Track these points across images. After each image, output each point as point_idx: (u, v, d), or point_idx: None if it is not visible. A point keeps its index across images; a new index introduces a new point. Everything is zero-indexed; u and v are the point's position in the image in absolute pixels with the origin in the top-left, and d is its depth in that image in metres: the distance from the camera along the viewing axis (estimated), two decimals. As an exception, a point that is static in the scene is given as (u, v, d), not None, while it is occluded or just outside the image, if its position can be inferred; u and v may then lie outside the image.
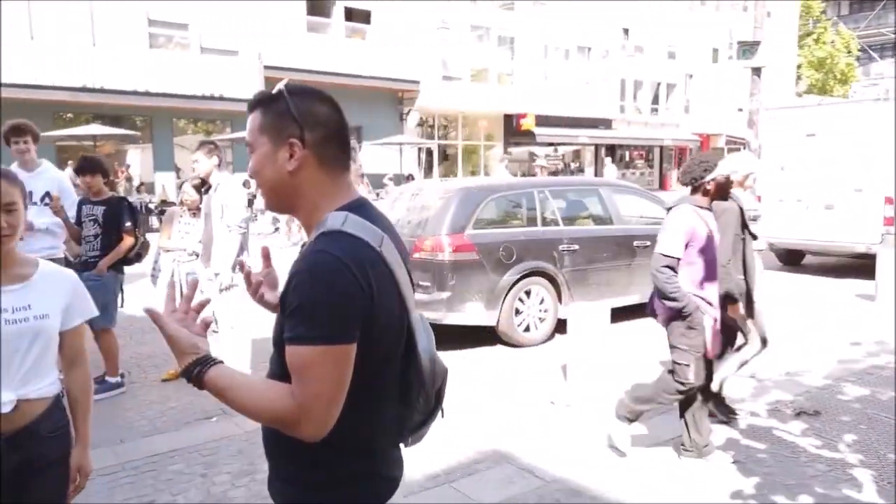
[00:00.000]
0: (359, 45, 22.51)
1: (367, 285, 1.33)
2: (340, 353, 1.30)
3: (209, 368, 1.36)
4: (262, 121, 1.46)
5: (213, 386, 1.36)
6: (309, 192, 1.47)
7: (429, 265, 5.85)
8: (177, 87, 18.00)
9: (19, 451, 1.94)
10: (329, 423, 1.33)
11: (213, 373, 1.36)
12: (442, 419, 1.68)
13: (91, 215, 4.90)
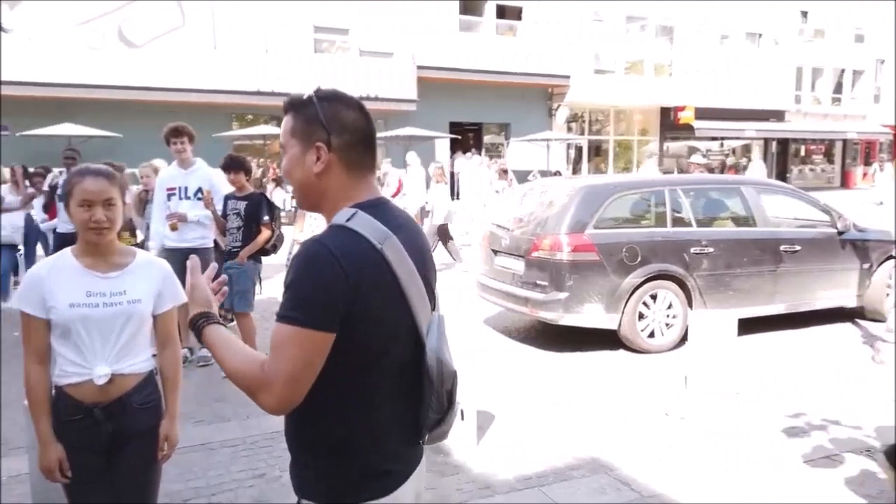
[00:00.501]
0: (509, 42, 22.56)
1: (355, 279, 1.39)
2: (312, 337, 1.37)
3: (210, 324, 1.53)
4: (293, 124, 1.56)
5: (207, 339, 1.53)
6: (333, 192, 1.55)
7: (546, 264, 5.76)
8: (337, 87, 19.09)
9: (113, 419, 2.20)
10: (289, 400, 1.40)
11: (211, 329, 1.53)
12: (462, 421, 1.68)
13: (235, 209, 5.38)
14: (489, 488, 3.54)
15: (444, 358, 1.56)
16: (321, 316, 1.38)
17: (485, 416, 4.43)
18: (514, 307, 6.13)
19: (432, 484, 3.57)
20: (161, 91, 17.05)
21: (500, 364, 5.69)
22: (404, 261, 1.50)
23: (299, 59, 19.11)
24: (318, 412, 1.50)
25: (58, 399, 2.18)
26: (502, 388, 5.04)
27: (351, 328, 1.41)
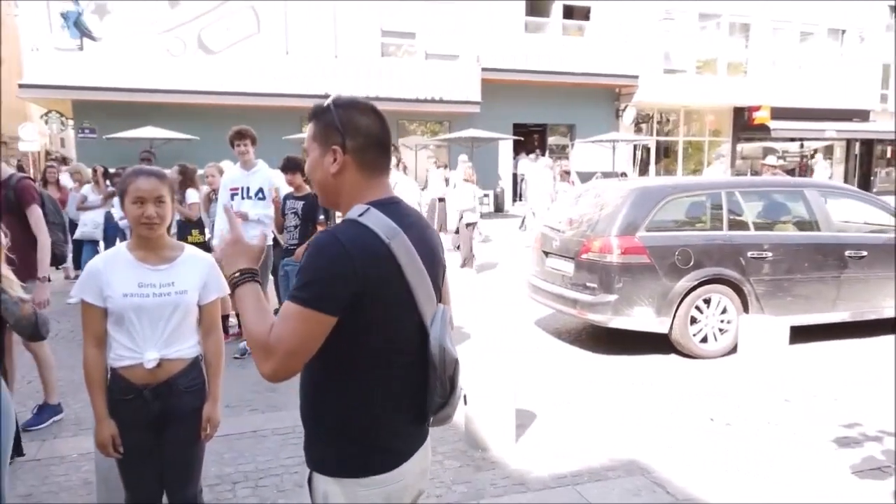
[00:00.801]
0: (576, 43, 22.34)
1: (362, 269, 1.51)
2: (314, 317, 1.50)
3: (249, 282, 1.65)
4: (314, 130, 1.70)
5: (238, 295, 1.64)
6: (348, 190, 1.68)
7: (595, 266, 5.75)
8: (403, 91, 19.46)
9: (160, 400, 2.40)
10: (285, 369, 1.53)
11: (247, 286, 1.64)
12: (465, 406, 1.78)
13: (292, 208, 5.63)
14: (523, 485, 3.60)
15: (446, 346, 1.66)
16: (325, 300, 1.51)
17: (526, 415, 4.50)
18: (563, 309, 6.14)
19: (466, 478, 3.67)
20: (236, 95, 17.78)
21: (546, 365, 5.73)
22: (411, 256, 1.61)
23: (366, 62, 19.53)
24: (327, 392, 1.64)
25: (112, 380, 2.40)
26: (547, 389, 5.08)
27: (357, 315, 1.54)
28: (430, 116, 21.31)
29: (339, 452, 1.64)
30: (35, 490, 3.54)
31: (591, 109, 22.63)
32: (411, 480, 1.72)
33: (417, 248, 1.65)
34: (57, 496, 3.48)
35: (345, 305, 1.52)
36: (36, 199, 4.23)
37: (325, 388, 1.65)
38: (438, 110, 20.37)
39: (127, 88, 17.00)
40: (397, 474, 1.66)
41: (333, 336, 1.58)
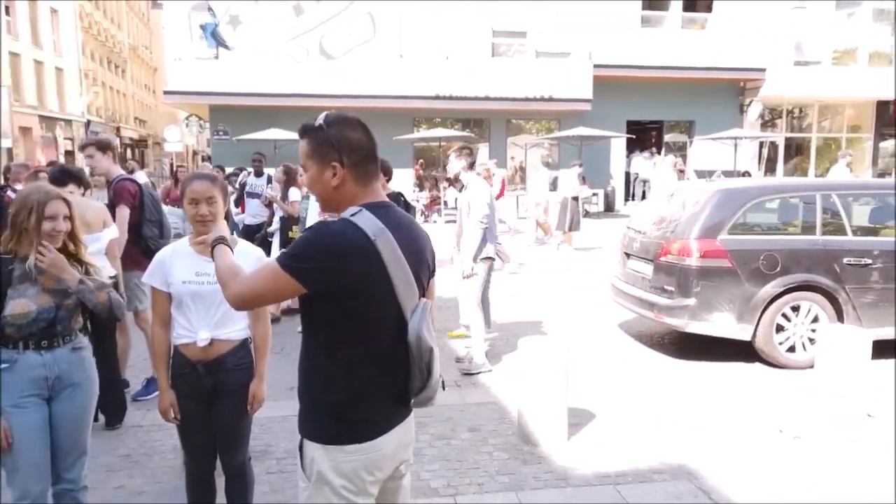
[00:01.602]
0: (696, 36, 21.45)
1: (342, 257, 1.77)
2: (282, 277, 1.80)
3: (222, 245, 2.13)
4: (308, 148, 1.93)
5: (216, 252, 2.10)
6: (348, 199, 1.92)
7: (673, 269, 5.64)
8: (513, 90, 19.57)
9: (212, 375, 2.73)
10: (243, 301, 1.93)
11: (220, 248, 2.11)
12: (443, 391, 1.96)
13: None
14: (565, 480, 3.69)
15: (422, 335, 1.86)
16: (300, 271, 1.78)
17: (584, 414, 4.56)
18: (641, 311, 6.06)
19: (511, 470, 3.81)
20: (352, 98, 18.64)
21: (619, 367, 5.71)
22: (394, 252, 1.83)
23: (477, 63, 19.83)
24: (316, 370, 1.90)
25: (174, 356, 2.77)
26: (612, 390, 5.09)
27: (338, 299, 1.80)
28: (541, 115, 21.26)
29: (324, 423, 1.89)
30: (133, 452, 4.08)
31: (712, 105, 21.62)
32: (390, 451, 1.93)
33: (404, 247, 1.86)
34: (150, 458, 3.99)
35: (315, 282, 1.77)
36: (126, 199, 4.77)
37: (315, 367, 1.90)
38: (549, 108, 20.30)
39: (255, 93, 18.35)
40: (375, 445, 1.88)
41: (321, 321, 1.84)
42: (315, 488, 1.90)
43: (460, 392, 5.10)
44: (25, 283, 2.64)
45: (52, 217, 2.64)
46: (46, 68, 33.35)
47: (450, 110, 20.12)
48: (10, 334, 2.60)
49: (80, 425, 2.80)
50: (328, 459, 1.86)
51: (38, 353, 2.65)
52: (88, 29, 40.23)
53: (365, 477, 1.89)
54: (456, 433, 4.33)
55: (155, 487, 3.63)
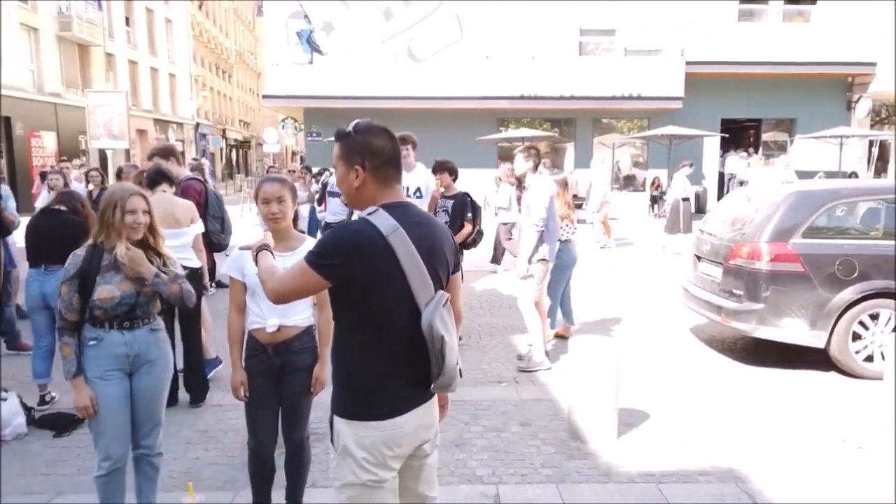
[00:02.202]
0: (799, 29, 20.34)
1: (358, 253, 1.98)
2: (309, 274, 2.02)
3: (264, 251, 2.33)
4: (339, 151, 2.15)
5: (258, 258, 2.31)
6: (368, 198, 2.12)
7: (742, 272, 5.52)
8: (599, 89, 19.32)
9: (279, 356, 3.03)
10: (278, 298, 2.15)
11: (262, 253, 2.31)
12: (461, 378, 2.12)
13: (443, 206, 6.17)
14: (607, 476, 3.75)
15: (434, 325, 2.02)
16: (322, 263, 2.00)
17: (639, 415, 4.58)
18: (709, 315, 5.96)
19: (556, 464, 3.91)
20: (438, 100, 19.02)
21: (685, 370, 5.65)
22: (407, 248, 2.01)
23: (564, 62, 19.71)
24: (342, 354, 2.12)
25: (247, 339, 3.09)
26: (674, 393, 5.06)
27: (355, 290, 2.00)
28: (629, 114, 20.86)
29: (349, 400, 2.09)
30: (211, 428, 4.48)
31: (815, 102, 20.44)
32: (409, 430, 2.11)
33: (418, 243, 2.04)
34: (225, 434, 4.37)
35: (336, 276, 1.99)
36: (192, 197, 5.19)
37: (340, 349, 2.12)
38: (637, 107, 19.90)
39: (346, 96, 19.03)
40: (394, 423, 2.07)
41: (345, 308, 2.05)
42: (341, 459, 2.11)
43: (517, 388, 5.22)
44: (111, 271, 3.01)
45: (132, 212, 3.00)
46: (161, 74, 35.88)
47: (535, 110, 20.11)
48: (97, 316, 2.98)
49: (155, 398, 3.15)
50: (351, 433, 2.07)
51: (121, 333, 3.02)
52: (199, 37, 42.91)
53: (385, 451, 2.07)
54: (507, 426, 4.47)
55: (226, 460, 3.99)
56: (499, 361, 5.88)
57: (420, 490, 2.28)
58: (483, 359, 5.98)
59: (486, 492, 3.59)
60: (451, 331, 2.09)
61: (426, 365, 2.07)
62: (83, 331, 3.00)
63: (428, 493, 2.30)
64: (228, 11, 52.35)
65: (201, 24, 43.90)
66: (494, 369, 5.68)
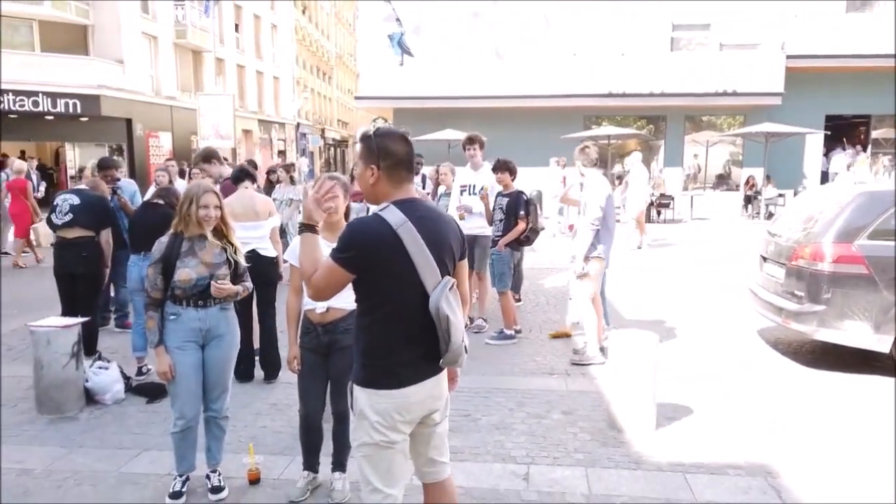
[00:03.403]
0: (915, 18, 18.92)
1: (373, 245, 2.29)
2: (335, 269, 2.31)
3: (310, 231, 2.42)
4: (360, 151, 2.48)
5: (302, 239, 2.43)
6: (382, 195, 2.44)
7: (803, 273, 5.44)
8: (692, 85, 18.80)
9: (328, 334, 3.42)
10: (317, 296, 2.42)
11: (309, 234, 2.42)
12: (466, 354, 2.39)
13: (500, 204, 6.42)
14: (637, 463, 3.90)
15: (440, 306, 2.32)
16: (345, 260, 2.30)
17: (682, 410, 4.68)
18: (771, 316, 5.88)
19: (589, 450, 4.09)
20: (523, 98, 19.15)
21: (742, 370, 5.63)
22: (414, 239, 2.32)
23: (654, 59, 19.32)
24: (360, 329, 2.45)
25: (303, 319, 3.50)
26: (724, 391, 5.09)
27: (370, 277, 2.32)
28: (723, 110, 20.16)
29: (365, 370, 2.42)
30: (279, 402, 4.97)
31: (933, 96, 19.00)
32: (418, 399, 2.41)
33: (425, 234, 2.34)
34: (290, 408, 4.81)
35: (356, 267, 2.30)
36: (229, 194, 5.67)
37: (360, 325, 2.46)
38: (732, 104, 19.20)
39: (433, 96, 19.52)
40: (403, 392, 2.38)
41: (363, 291, 2.37)
42: (358, 421, 2.44)
43: (566, 380, 5.40)
44: (189, 256, 3.49)
45: (205, 206, 3.47)
46: (266, 77, 37.95)
47: (623, 107, 19.83)
48: (177, 295, 3.47)
49: (224, 367, 3.62)
50: (367, 399, 2.40)
51: (196, 310, 3.50)
52: (302, 41, 44.95)
53: (395, 416, 2.38)
54: (549, 414, 4.68)
55: (289, 430, 4.43)
56: (554, 355, 6.07)
57: (430, 455, 2.59)
58: (539, 351, 6.19)
59: (517, 471, 3.83)
60: (457, 312, 2.38)
61: (435, 342, 2.36)
62: (165, 307, 3.51)
63: (437, 457, 2.61)
64: (330, 14, 54.47)
65: (304, 28, 45.96)
66: (548, 362, 5.88)
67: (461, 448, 4.06)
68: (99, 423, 4.61)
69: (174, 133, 27.09)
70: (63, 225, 5.67)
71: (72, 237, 5.68)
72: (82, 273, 5.66)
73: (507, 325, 6.50)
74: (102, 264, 5.83)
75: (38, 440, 4.33)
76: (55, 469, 3.91)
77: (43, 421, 4.63)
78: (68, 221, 5.66)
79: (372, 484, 2.42)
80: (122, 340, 6.36)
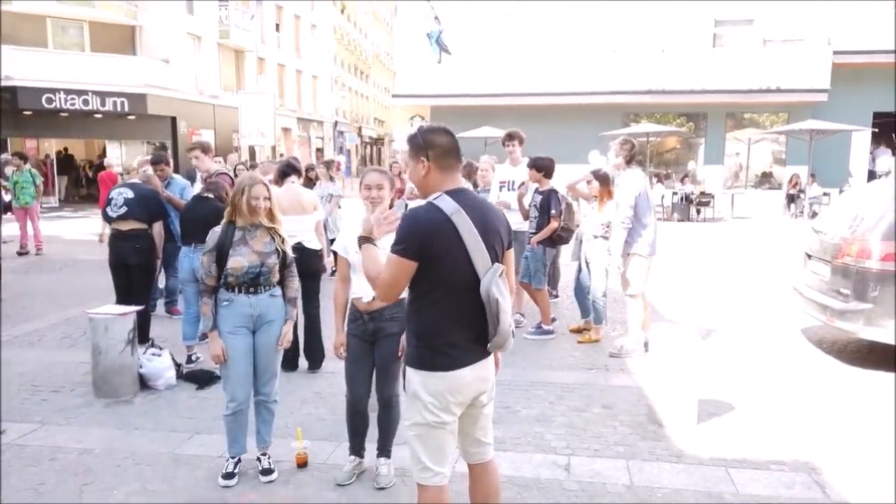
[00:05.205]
0: (971, 11, 18.30)
1: (428, 231, 2.38)
2: (399, 262, 2.39)
3: (370, 243, 2.58)
4: (409, 150, 2.60)
5: (363, 250, 2.58)
6: (433, 185, 2.53)
7: (849, 271, 5.36)
8: (733, 82, 18.53)
9: (373, 322, 3.52)
10: (387, 295, 2.51)
11: (369, 245, 2.58)
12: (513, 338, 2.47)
13: (534, 202, 6.43)
14: (678, 457, 3.91)
15: (490, 290, 2.41)
16: (406, 249, 2.39)
17: (724, 406, 4.67)
18: (816, 315, 5.80)
19: (629, 443, 4.12)
20: (561, 95, 19.10)
21: (786, 368, 5.58)
22: (468, 226, 2.41)
23: (695, 55, 19.07)
24: (413, 312, 2.55)
25: (350, 307, 3.60)
26: (767, 389, 5.05)
27: (427, 262, 2.41)
28: (766, 107, 19.79)
29: (418, 352, 2.51)
30: (323, 391, 5.09)
31: None
32: (467, 381, 2.49)
33: (477, 222, 2.43)
34: (334, 396, 4.92)
35: (418, 254, 2.38)
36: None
37: (413, 310, 2.55)
38: (775, 101, 18.87)
39: (470, 94, 19.61)
40: (454, 375, 2.46)
41: (417, 277, 2.46)
42: (410, 402, 2.54)
43: (606, 375, 5.42)
44: (241, 245, 3.63)
45: (255, 197, 3.60)
46: (305, 76, 38.47)
47: (663, 104, 19.62)
48: (230, 282, 3.61)
49: (273, 352, 3.75)
50: (420, 381, 2.49)
51: (247, 296, 3.63)
52: (340, 40, 45.44)
53: (448, 398, 2.47)
54: (590, 407, 4.71)
55: (334, 418, 4.55)
56: (593, 350, 6.09)
57: (476, 435, 2.68)
58: (577, 347, 6.21)
59: (558, 461, 3.88)
60: (506, 296, 2.46)
61: (484, 326, 2.45)
62: (219, 294, 3.65)
63: (483, 438, 2.69)
64: (368, 14, 54.91)
65: (342, 27, 46.43)
66: (588, 356, 5.90)
67: (503, 438, 4.11)
68: (153, 407, 4.79)
69: (216, 131, 27.64)
70: (118, 217, 5.90)
71: (126, 229, 5.91)
72: (136, 264, 5.89)
73: (545, 321, 6.53)
74: (154, 255, 6.05)
75: (95, 422, 4.54)
76: (114, 448, 4.10)
77: (100, 404, 4.84)
78: (123, 214, 5.89)
79: (423, 462, 2.51)
80: (171, 329, 6.58)
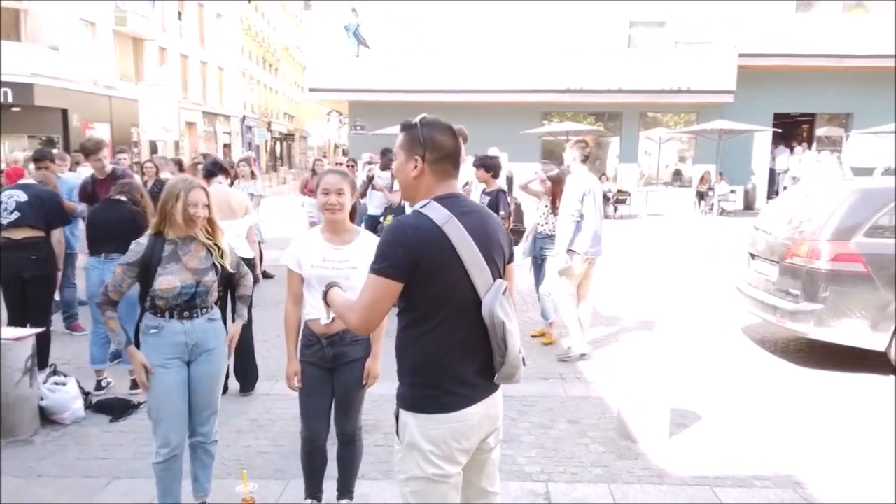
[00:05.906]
0: (859, 20, 19.57)
1: (418, 244, 1.96)
2: (381, 283, 1.98)
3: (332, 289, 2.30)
4: (402, 141, 2.14)
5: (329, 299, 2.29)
6: (423, 189, 2.11)
7: (799, 272, 5.35)
8: (647, 82, 18.97)
9: (333, 347, 3.04)
10: (366, 322, 2.08)
11: (331, 292, 2.30)
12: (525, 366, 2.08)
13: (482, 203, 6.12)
14: (660, 477, 3.68)
15: (495, 311, 2.00)
16: (390, 269, 1.97)
17: (690, 416, 4.50)
18: (764, 315, 5.79)
19: (606, 463, 3.85)
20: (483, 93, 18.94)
21: (736, 371, 5.52)
22: (461, 235, 2.00)
23: (611, 55, 19.39)
24: (406, 345, 2.10)
25: (303, 329, 3.11)
26: (726, 394, 4.95)
27: (416, 282, 1.98)
28: (677, 108, 20.41)
29: (414, 392, 2.08)
30: (260, 417, 4.55)
31: (875, 95, 19.58)
32: (475, 422, 2.08)
33: (472, 231, 2.03)
34: (274, 424, 4.43)
35: (405, 273, 1.96)
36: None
37: (405, 342, 2.10)
38: (686, 101, 19.46)
39: (390, 90, 19.10)
40: (461, 415, 2.04)
41: (408, 301, 2.03)
42: (406, 452, 2.09)
43: (563, 385, 5.17)
44: (172, 262, 3.06)
45: (193, 204, 3.04)
46: (210, 68, 36.62)
47: (580, 103, 19.84)
48: (159, 305, 3.04)
49: (213, 386, 3.21)
50: (418, 426, 2.05)
51: (181, 322, 3.07)
52: (248, 31, 43.63)
53: (453, 444, 2.05)
54: (555, 423, 4.43)
55: (276, 450, 4.04)
56: (543, 357, 5.84)
57: (482, 485, 2.27)
58: (528, 354, 5.89)
59: (536, 489, 3.56)
60: (512, 318, 2.07)
61: (489, 355, 2.06)
62: (144, 320, 3.07)
63: (489, 487, 2.29)
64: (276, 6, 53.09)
65: (250, 18, 44.62)
66: (540, 365, 5.63)
67: (471, 465, 3.75)
68: (58, 447, 4.10)
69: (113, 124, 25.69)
70: (9, 224, 5.07)
71: (20, 238, 5.08)
72: (33, 277, 5.08)
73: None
74: (55, 267, 5.27)
75: (-12, 469, 3.82)
76: (13, 505, 3.42)
77: (-8, 446, 4.10)
78: (15, 220, 5.07)
79: None
80: (74, 349, 5.79)
